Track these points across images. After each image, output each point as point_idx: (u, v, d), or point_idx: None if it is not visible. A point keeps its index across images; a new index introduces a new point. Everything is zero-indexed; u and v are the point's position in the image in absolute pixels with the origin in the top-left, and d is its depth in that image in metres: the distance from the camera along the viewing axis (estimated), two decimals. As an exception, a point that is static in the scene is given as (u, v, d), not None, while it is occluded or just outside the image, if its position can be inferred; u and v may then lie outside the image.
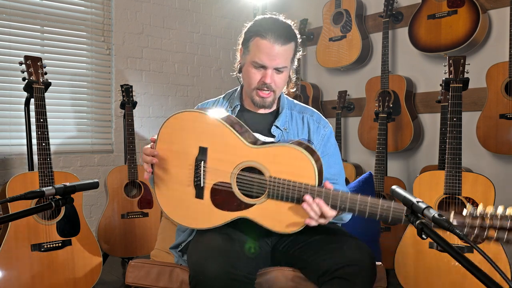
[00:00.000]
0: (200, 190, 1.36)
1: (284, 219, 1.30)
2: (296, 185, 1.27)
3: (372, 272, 1.30)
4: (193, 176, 1.37)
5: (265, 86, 1.47)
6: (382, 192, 2.74)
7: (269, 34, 1.42)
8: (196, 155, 1.37)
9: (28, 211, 1.10)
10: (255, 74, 1.47)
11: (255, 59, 1.45)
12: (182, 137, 1.39)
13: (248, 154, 1.34)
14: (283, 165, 1.31)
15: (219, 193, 1.35)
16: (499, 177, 2.67)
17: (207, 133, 1.37)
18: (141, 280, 1.52)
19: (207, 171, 1.36)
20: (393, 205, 1.19)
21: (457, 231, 0.91)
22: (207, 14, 4.00)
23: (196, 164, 1.37)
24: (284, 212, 1.30)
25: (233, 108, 1.59)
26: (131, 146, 2.96)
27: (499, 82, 2.56)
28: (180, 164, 1.38)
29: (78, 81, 3.41)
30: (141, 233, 2.91)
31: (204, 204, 1.36)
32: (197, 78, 3.98)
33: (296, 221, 1.29)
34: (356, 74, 3.52)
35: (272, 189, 1.30)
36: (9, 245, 2.06)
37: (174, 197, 1.40)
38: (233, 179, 1.34)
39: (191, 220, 1.39)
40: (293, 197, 1.28)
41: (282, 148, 1.31)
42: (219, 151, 1.36)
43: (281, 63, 1.45)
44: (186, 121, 1.39)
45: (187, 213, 1.38)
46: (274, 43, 1.42)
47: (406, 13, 3.18)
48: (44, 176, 2.16)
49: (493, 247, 1.95)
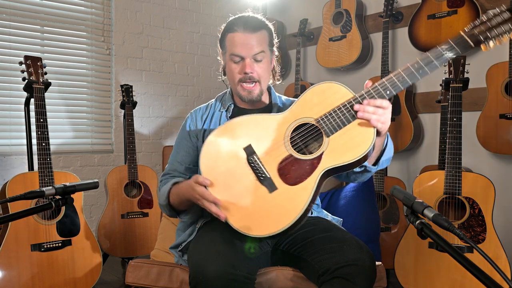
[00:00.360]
0: (269, 182, 1.29)
1: (356, 142, 1.26)
2: (341, 106, 1.28)
3: (372, 272, 1.30)
4: (255, 176, 1.30)
5: (248, 77, 1.49)
6: (382, 192, 2.75)
7: (238, 26, 1.49)
8: (245, 158, 1.32)
9: (28, 211, 1.10)
10: (235, 68, 1.51)
11: (231, 52, 1.49)
12: (223, 156, 1.35)
13: (284, 121, 1.34)
14: (317, 104, 1.31)
15: (288, 171, 1.29)
16: (499, 177, 2.67)
17: (239, 136, 1.35)
18: (141, 280, 1.52)
19: (263, 161, 1.31)
20: (418, 58, 1.24)
21: (457, 231, 0.91)
22: (207, 14, 4.00)
23: (250, 164, 1.31)
24: (351, 137, 1.27)
25: (227, 108, 1.60)
26: (131, 146, 2.96)
27: (499, 82, 2.56)
28: (237, 176, 1.31)
29: (78, 81, 3.41)
30: (141, 233, 2.92)
31: (282, 191, 1.28)
32: (197, 78, 3.98)
33: (366, 134, 1.26)
34: (356, 74, 3.52)
35: (326, 127, 1.29)
36: (9, 245, 2.06)
37: (253, 211, 1.28)
38: (289, 148, 1.31)
39: (284, 218, 1.24)
40: (347, 117, 1.27)
41: (305, 95, 1.34)
42: (260, 138, 1.33)
43: (256, 49, 1.48)
44: (215, 144, 1.36)
45: (276, 213, 1.26)
46: (244, 32, 1.48)
47: (406, 13, 3.18)
48: (44, 176, 2.16)
49: (493, 247, 1.95)
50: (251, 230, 1.26)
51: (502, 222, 2.59)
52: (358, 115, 1.26)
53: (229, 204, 1.29)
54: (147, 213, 2.94)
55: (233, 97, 1.63)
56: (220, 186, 1.31)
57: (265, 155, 1.31)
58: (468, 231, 2.00)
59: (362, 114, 1.25)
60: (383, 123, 1.26)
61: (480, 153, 2.79)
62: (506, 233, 2.53)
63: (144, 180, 2.97)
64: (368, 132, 1.26)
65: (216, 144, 1.36)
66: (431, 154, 3.06)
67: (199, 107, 1.68)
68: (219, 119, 1.60)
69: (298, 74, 3.70)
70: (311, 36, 3.85)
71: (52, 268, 2.14)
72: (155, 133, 3.76)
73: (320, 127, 1.30)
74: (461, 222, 2.02)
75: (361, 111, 1.25)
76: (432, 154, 3.05)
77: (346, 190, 2.24)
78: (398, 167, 3.26)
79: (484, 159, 2.80)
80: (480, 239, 1.97)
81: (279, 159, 1.30)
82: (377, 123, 1.26)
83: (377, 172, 2.76)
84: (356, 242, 1.33)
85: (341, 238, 1.36)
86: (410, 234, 2.17)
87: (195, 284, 1.25)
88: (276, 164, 1.30)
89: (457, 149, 2.08)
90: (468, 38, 1.21)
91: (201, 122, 1.61)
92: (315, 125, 1.31)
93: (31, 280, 2.08)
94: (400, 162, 3.26)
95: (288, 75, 4.12)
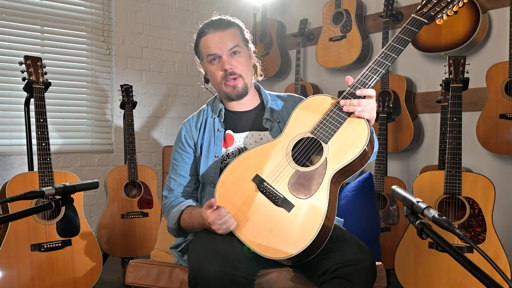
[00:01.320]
0: (285, 202, 1.31)
1: (354, 138, 1.31)
2: (329, 112, 1.35)
3: (372, 272, 1.30)
4: (270, 201, 1.32)
5: (228, 73, 1.52)
6: (382, 192, 2.75)
7: (208, 29, 1.54)
8: (256, 188, 1.35)
9: (28, 211, 1.10)
10: (215, 69, 1.54)
11: (207, 54, 1.53)
12: (236, 194, 1.37)
13: (282, 143, 1.38)
14: (307, 118, 1.38)
15: (299, 187, 1.32)
16: (499, 177, 2.67)
17: (245, 171, 1.38)
18: (141, 280, 1.52)
19: (274, 185, 1.34)
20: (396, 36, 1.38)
21: (457, 231, 0.91)
22: (207, 14, 3.98)
23: (262, 192, 1.34)
24: (347, 136, 1.32)
25: (218, 113, 1.61)
26: (131, 146, 2.96)
27: (499, 82, 2.56)
28: (254, 207, 1.33)
29: (78, 81, 3.42)
30: (141, 233, 2.92)
31: (300, 207, 1.30)
32: (197, 78, 3.98)
33: (360, 127, 1.32)
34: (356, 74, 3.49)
35: (321, 134, 1.34)
36: (9, 245, 2.06)
37: (278, 234, 1.29)
38: (293, 165, 1.35)
39: (310, 229, 1.25)
40: (338, 120, 1.33)
41: (294, 114, 1.41)
42: (265, 165, 1.37)
43: (230, 44, 1.51)
44: (225, 185, 1.39)
45: (300, 228, 1.27)
46: (215, 32, 1.52)
47: (406, 13, 3.18)
48: (44, 176, 2.16)
49: (493, 247, 1.95)
50: (282, 253, 1.26)
51: (502, 222, 2.59)
52: (344, 109, 1.32)
53: (254, 234, 1.31)
54: (147, 213, 2.94)
55: (222, 102, 1.64)
56: (242, 222, 1.33)
57: (274, 179, 1.35)
58: (468, 231, 2.00)
59: (348, 108, 1.32)
60: (369, 111, 1.32)
61: (480, 153, 2.79)
62: (506, 233, 2.53)
63: (144, 180, 2.97)
64: (361, 125, 1.32)
65: (226, 185, 1.39)
66: (431, 154, 3.06)
67: (192, 116, 1.68)
68: (212, 126, 1.60)
69: (298, 74, 3.70)
70: (311, 36, 3.85)
71: (52, 268, 2.14)
72: (155, 133, 3.76)
73: (316, 137, 1.34)
74: (461, 222, 2.02)
75: (346, 106, 1.32)
76: (432, 154, 3.05)
77: (346, 190, 2.24)
78: (398, 167, 3.26)
79: (484, 159, 2.80)
80: (480, 239, 1.97)
81: (288, 178, 1.34)
82: (364, 113, 1.32)
83: (377, 172, 2.76)
84: (356, 242, 1.33)
85: (341, 238, 1.36)
86: (410, 234, 2.17)
87: (194, 284, 1.25)
88: (286, 184, 1.33)
89: (457, 149, 2.08)
90: (420, 17, 1.39)
91: (196, 131, 1.61)
92: (311, 137, 1.35)
93: (31, 280, 2.08)
94: (400, 162, 3.26)
95: (288, 75, 4.12)
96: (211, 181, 1.54)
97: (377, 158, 2.79)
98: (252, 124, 1.59)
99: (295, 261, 1.31)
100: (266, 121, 1.57)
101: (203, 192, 1.60)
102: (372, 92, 1.33)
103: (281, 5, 4.08)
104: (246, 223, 1.33)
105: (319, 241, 1.27)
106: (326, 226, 1.27)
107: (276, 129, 1.55)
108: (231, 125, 1.60)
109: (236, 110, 1.62)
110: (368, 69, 1.36)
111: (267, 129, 1.56)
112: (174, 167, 1.62)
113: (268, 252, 1.28)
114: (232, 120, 1.60)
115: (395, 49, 1.37)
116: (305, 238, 1.25)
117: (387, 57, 1.36)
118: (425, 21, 1.38)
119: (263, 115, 1.59)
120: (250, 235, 1.31)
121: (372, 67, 1.36)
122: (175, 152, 1.63)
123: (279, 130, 1.55)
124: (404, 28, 1.38)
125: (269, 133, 1.56)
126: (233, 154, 1.54)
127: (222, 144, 1.56)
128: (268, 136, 1.56)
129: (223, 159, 1.55)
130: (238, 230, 1.33)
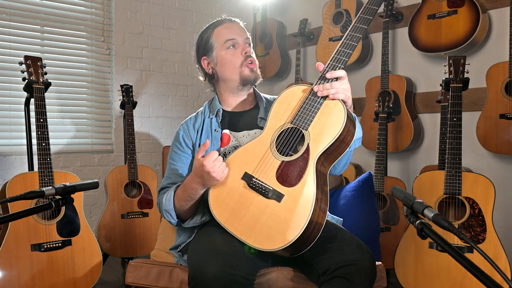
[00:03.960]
0: (275, 193, 1.32)
1: (332, 120, 1.33)
2: (305, 100, 1.36)
3: (372, 272, 1.30)
4: (261, 194, 1.33)
5: (249, 57, 1.57)
6: (382, 192, 2.75)
7: (223, 20, 1.61)
8: (245, 184, 1.36)
9: (28, 211, 1.10)
10: (233, 53, 1.57)
11: (226, 39, 1.57)
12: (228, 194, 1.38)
13: (265, 137, 1.40)
14: (286, 110, 1.40)
15: (286, 176, 1.33)
16: (499, 177, 2.67)
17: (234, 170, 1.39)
18: (141, 280, 1.52)
19: (262, 179, 1.35)
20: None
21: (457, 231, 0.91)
22: (207, 14, 4.00)
23: (252, 187, 1.35)
24: (325, 119, 1.33)
25: (216, 113, 1.62)
26: (131, 146, 2.96)
27: (499, 82, 2.56)
28: (246, 204, 1.35)
29: (78, 81, 3.42)
30: (141, 233, 2.92)
31: (289, 195, 1.31)
32: (197, 78, 3.96)
33: (336, 109, 1.33)
34: (356, 74, 3.52)
35: (301, 122, 1.35)
36: (9, 245, 2.06)
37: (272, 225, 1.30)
38: (278, 156, 1.36)
39: (302, 215, 1.26)
40: (315, 106, 1.34)
41: (274, 108, 1.43)
42: (252, 162, 1.38)
43: (246, 34, 1.60)
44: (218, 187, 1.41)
45: (293, 215, 1.28)
46: (232, 22, 1.61)
47: (406, 13, 3.18)
48: (44, 176, 2.16)
49: (493, 247, 1.95)
50: (278, 243, 1.27)
51: (502, 222, 2.59)
52: (318, 94, 1.34)
53: (250, 230, 1.32)
54: (147, 213, 2.94)
55: (220, 102, 1.66)
56: (237, 220, 1.34)
57: (262, 173, 1.36)
58: (468, 231, 2.00)
59: (322, 92, 1.33)
60: (343, 92, 1.33)
61: (480, 153, 2.79)
62: (506, 233, 2.53)
63: (144, 180, 2.97)
64: (337, 106, 1.33)
65: (218, 188, 1.40)
66: (431, 154, 3.06)
67: (189, 117, 1.70)
68: (210, 126, 1.62)
69: (298, 74, 3.70)
70: (311, 36, 3.85)
71: (52, 268, 2.14)
72: (155, 133, 3.76)
73: (297, 126, 1.36)
74: (461, 222, 2.02)
75: (320, 90, 1.33)
76: (432, 154, 3.05)
77: (346, 190, 2.24)
78: (398, 167, 3.26)
79: (484, 159, 2.80)
80: (480, 239, 1.97)
81: (274, 170, 1.35)
82: (338, 95, 1.32)
83: (377, 172, 2.76)
84: (356, 242, 1.33)
85: (341, 238, 1.36)
86: (410, 234, 2.17)
87: (194, 284, 1.25)
88: (274, 176, 1.34)
89: (457, 149, 2.08)
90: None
91: (194, 132, 1.63)
92: (291, 126, 1.37)
93: (31, 280, 2.08)
94: (400, 162, 3.26)
95: (288, 75, 4.12)
96: None
97: (377, 158, 2.79)
98: (249, 124, 1.61)
99: (293, 251, 1.31)
100: (260, 120, 1.60)
101: None
102: (341, 73, 1.34)
103: (281, 5, 4.08)
104: (241, 221, 1.34)
105: (313, 227, 1.27)
106: (318, 210, 1.28)
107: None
108: (228, 124, 1.62)
109: (234, 110, 1.64)
110: (336, 52, 1.37)
111: (262, 127, 1.57)
112: (171, 166, 1.63)
113: (265, 245, 1.28)
114: (229, 120, 1.62)
115: (359, 29, 1.36)
116: (298, 224, 1.26)
117: (353, 38, 1.36)
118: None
119: (258, 114, 1.62)
120: (246, 232, 1.32)
121: (339, 50, 1.36)
122: (172, 152, 1.65)
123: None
124: (365, 8, 1.37)
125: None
126: (230, 153, 1.55)
127: (219, 144, 1.58)
128: None
129: None
130: (234, 228, 1.34)
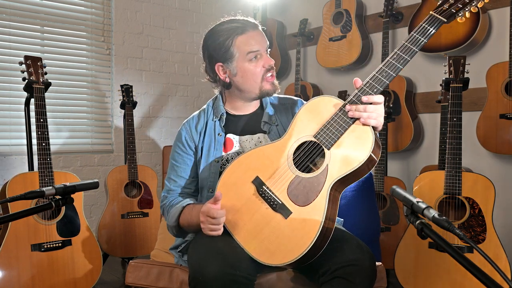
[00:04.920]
0: (283, 208, 1.29)
1: (357, 146, 1.25)
2: (334, 116, 1.29)
3: (372, 272, 1.30)
4: (269, 205, 1.30)
5: (271, 69, 1.52)
6: (382, 192, 2.75)
7: (245, 27, 1.52)
8: (256, 190, 1.34)
9: (28, 211, 1.10)
10: (255, 66, 1.51)
11: (247, 51, 1.49)
12: (236, 195, 1.36)
13: (284, 145, 1.35)
14: (312, 121, 1.33)
15: (298, 193, 1.28)
16: (499, 177, 2.67)
17: (246, 172, 1.37)
18: (141, 280, 1.52)
19: (273, 189, 1.32)
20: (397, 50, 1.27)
21: (457, 231, 0.91)
22: (207, 14, 4.00)
23: (261, 195, 1.31)
24: (351, 143, 1.26)
25: (220, 117, 1.59)
26: (131, 146, 2.96)
27: (499, 82, 2.56)
28: (253, 210, 1.32)
29: (78, 81, 3.41)
30: (141, 233, 2.92)
31: (297, 215, 1.27)
32: (197, 78, 3.98)
33: (365, 135, 1.25)
34: (356, 74, 3.52)
35: (324, 140, 1.29)
36: (9, 245, 2.06)
37: (273, 240, 1.27)
38: (294, 169, 1.31)
39: (302, 241, 1.23)
40: (342, 126, 1.27)
41: (299, 115, 1.36)
42: (266, 168, 1.34)
43: (266, 43, 1.55)
44: (226, 186, 1.38)
45: (295, 237, 1.25)
46: (254, 30, 1.52)
47: (406, 13, 3.18)
48: (44, 176, 2.16)
49: (493, 247, 1.95)
50: (275, 260, 1.26)
51: (502, 222, 2.59)
52: (349, 115, 1.26)
53: (251, 238, 1.30)
54: (147, 213, 2.94)
55: (224, 104, 1.62)
56: (240, 224, 1.33)
57: (274, 182, 1.32)
58: (468, 231, 2.00)
59: (353, 113, 1.26)
60: (375, 118, 1.26)
61: (480, 153, 2.79)
62: (506, 233, 2.53)
63: (144, 180, 2.97)
64: (366, 133, 1.25)
65: (227, 185, 1.38)
66: (431, 154, 3.06)
67: (191, 116, 1.65)
68: (213, 130, 1.58)
69: (298, 74, 3.70)
70: (311, 36, 3.85)
71: (52, 268, 2.14)
72: (155, 133, 3.76)
73: (319, 142, 1.30)
74: (461, 222, 2.02)
75: (352, 111, 1.26)
76: (432, 154, 3.05)
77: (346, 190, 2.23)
78: (398, 167, 3.26)
79: (484, 159, 2.80)
80: (480, 239, 1.97)
81: (287, 183, 1.31)
82: (371, 121, 1.25)
83: (377, 172, 2.76)
84: (356, 242, 1.33)
85: (341, 238, 1.36)
86: (410, 234, 2.17)
87: (194, 284, 1.25)
88: (285, 189, 1.30)
89: (457, 149, 2.08)
90: (439, 15, 1.27)
91: (197, 134, 1.59)
92: (313, 141, 1.32)
93: (31, 280, 2.08)
94: (400, 162, 3.26)
95: (288, 75, 4.12)
96: (209, 185, 1.52)
97: (377, 158, 2.79)
98: (252, 128, 1.57)
99: (288, 268, 1.30)
100: (264, 124, 1.56)
101: (200, 196, 1.59)
102: (379, 98, 1.26)
103: (281, 5, 4.08)
104: (244, 225, 1.32)
105: (314, 251, 1.25)
106: (322, 235, 1.24)
107: (274, 132, 1.55)
108: (231, 128, 1.58)
109: (237, 114, 1.61)
110: (378, 71, 1.27)
111: (266, 132, 1.56)
112: (174, 168, 1.59)
113: (262, 258, 1.28)
114: (233, 124, 1.59)
115: (408, 50, 1.25)
116: (299, 247, 1.23)
117: (400, 58, 1.25)
118: (444, 20, 1.26)
119: (262, 118, 1.58)
120: (246, 238, 1.31)
121: (382, 69, 1.26)
122: (175, 153, 1.61)
123: (277, 133, 1.54)
124: (420, 27, 1.26)
125: (268, 136, 1.55)
126: (232, 159, 1.53)
127: (222, 149, 1.55)
128: (266, 139, 1.55)
129: (222, 163, 1.54)
130: (236, 231, 1.33)
